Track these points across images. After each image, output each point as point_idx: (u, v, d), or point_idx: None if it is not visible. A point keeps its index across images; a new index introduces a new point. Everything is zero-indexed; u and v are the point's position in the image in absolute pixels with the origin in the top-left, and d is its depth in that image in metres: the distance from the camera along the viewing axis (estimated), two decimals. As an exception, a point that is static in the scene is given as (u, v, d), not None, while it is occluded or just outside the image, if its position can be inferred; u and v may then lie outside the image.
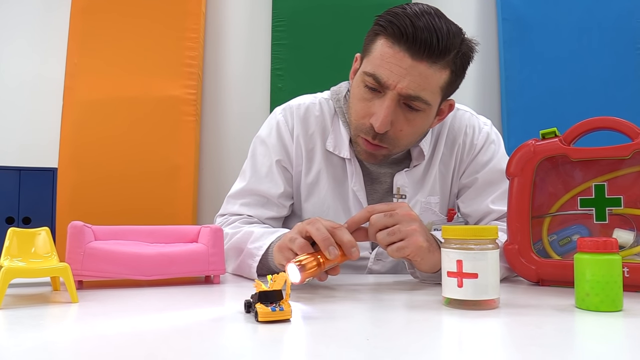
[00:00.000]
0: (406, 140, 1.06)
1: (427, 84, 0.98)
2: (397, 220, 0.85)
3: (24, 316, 0.66)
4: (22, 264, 0.77)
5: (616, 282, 0.69)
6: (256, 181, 1.17)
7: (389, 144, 1.04)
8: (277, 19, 2.11)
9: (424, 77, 0.97)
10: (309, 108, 1.19)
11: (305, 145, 1.16)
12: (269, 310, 0.62)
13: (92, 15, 2.12)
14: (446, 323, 0.66)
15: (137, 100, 2.07)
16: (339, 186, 1.15)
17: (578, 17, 2.01)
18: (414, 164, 1.15)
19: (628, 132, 0.87)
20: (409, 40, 0.94)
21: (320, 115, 1.18)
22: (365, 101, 1.03)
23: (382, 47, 0.98)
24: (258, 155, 1.20)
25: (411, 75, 0.96)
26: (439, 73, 0.98)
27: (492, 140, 1.18)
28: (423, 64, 0.96)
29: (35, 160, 2.04)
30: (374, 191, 1.17)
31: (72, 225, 0.87)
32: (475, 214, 1.15)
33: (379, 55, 0.99)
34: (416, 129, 1.05)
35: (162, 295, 0.82)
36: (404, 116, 1.01)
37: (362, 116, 1.03)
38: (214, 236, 0.96)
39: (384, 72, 0.97)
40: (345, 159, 1.14)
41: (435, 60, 0.96)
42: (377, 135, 1.02)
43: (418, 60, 0.95)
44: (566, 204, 0.93)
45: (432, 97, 1.00)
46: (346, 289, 0.91)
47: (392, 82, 0.97)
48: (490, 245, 0.71)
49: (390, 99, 0.98)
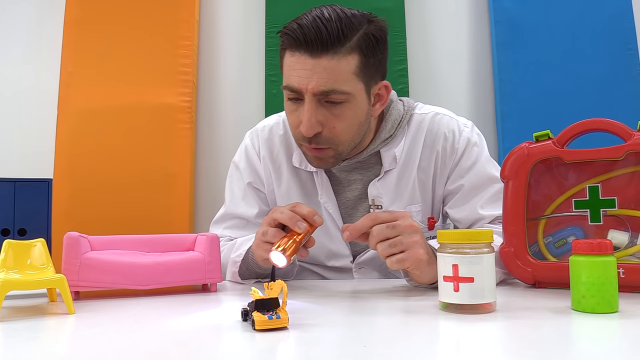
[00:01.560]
0: (346, 136, 1.04)
1: (335, 75, 0.97)
2: (399, 231, 0.85)
3: (21, 329, 0.66)
4: (18, 276, 0.77)
5: (612, 284, 0.70)
6: (234, 205, 1.22)
7: (329, 143, 1.03)
8: (271, 25, 2.12)
9: (330, 70, 0.96)
10: (273, 129, 1.21)
11: (272, 165, 1.19)
12: (266, 318, 0.62)
13: (85, 24, 2.12)
14: (443, 328, 0.66)
15: (132, 108, 2.07)
16: (308, 200, 1.16)
17: (570, 19, 2.02)
18: (385, 170, 1.13)
19: (621, 133, 0.88)
20: (302, 41, 0.96)
21: (284, 133, 1.19)
22: (292, 112, 1.04)
23: (287, 59, 1.00)
24: (234, 179, 1.25)
25: (316, 73, 0.96)
26: (344, 60, 0.97)
27: (474, 143, 1.15)
28: (324, 59, 0.96)
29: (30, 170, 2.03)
30: (346, 199, 1.16)
31: (68, 236, 0.87)
32: (466, 220, 1.13)
33: (287, 67, 1.01)
34: (350, 121, 1.03)
35: (159, 305, 0.82)
36: (330, 113, 1.00)
37: (295, 126, 1.04)
38: (210, 244, 0.96)
39: (293, 79, 0.99)
40: (312, 172, 1.15)
41: (334, 50, 0.96)
42: (312, 139, 1.01)
43: (317, 56, 0.96)
44: (561, 206, 0.94)
45: (349, 86, 0.99)
46: (342, 295, 0.91)
47: (303, 86, 0.97)
48: (486, 249, 0.72)
49: (309, 102, 0.99)
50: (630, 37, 2.00)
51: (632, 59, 1.98)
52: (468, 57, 2.14)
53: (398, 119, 1.14)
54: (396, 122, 1.14)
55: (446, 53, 2.13)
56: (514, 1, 2.04)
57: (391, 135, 1.13)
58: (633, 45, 2.00)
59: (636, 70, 1.98)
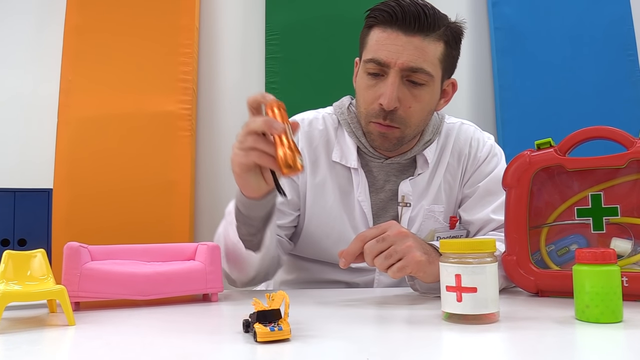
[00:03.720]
0: (416, 118, 1.09)
1: (424, 55, 1.03)
2: (391, 241, 0.86)
3: (21, 341, 0.65)
4: (18, 287, 0.76)
5: (616, 293, 0.69)
6: None
7: (400, 123, 1.07)
8: (271, 32, 2.12)
9: (421, 49, 1.03)
10: (312, 122, 1.22)
11: (308, 157, 1.19)
12: (268, 330, 0.61)
13: (86, 32, 2.12)
14: (446, 339, 0.66)
15: (132, 116, 2.07)
16: (344, 196, 1.18)
17: (570, 24, 2.02)
18: (418, 172, 1.18)
19: (623, 141, 0.88)
20: (399, 19, 1.02)
21: (324, 129, 1.21)
22: (370, 88, 1.08)
23: (376, 34, 1.05)
24: None
25: (408, 49, 1.02)
26: (433, 45, 1.04)
27: (494, 154, 1.22)
28: (417, 38, 1.02)
29: (30, 179, 2.03)
30: (379, 200, 1.19)
31: (68, 246, 0.87)
32: (477, 222, 1.17)
33: (374, 42, 1.05)
34: (424, 105, 1.08)
35: (159, 315, 0.81)
36: (409, 92, 1.06)
37: (371, 102, 1.08)
38: (211, 254, 0.96)
39: (382, 53, 1.03)
40: (352, 168, 1.17)
41: (427, 32, 1.03)
42: (388, 115, 1.05)
43: (411, 34, 1.02)
44: (563, 214, 0.93)
45: (432, 69, 1.05)
46: (345, 305, 0.90)
47: (392, 59, 1.02)
48: (489, 259, 0.71)
49: (394, 76, 1.03)
50: (629, 43, 2.00)
51: (632, 64, 1.98)
52: (468, 64, 2.14)
53: (436, 125, 1.21)
54: (435, 127, 1.20)
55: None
56: (513, 8, 2.04)
57: (430, 139, 1.19)
58: (633, 50, 2.00)
59: (636, 76, 1.98)
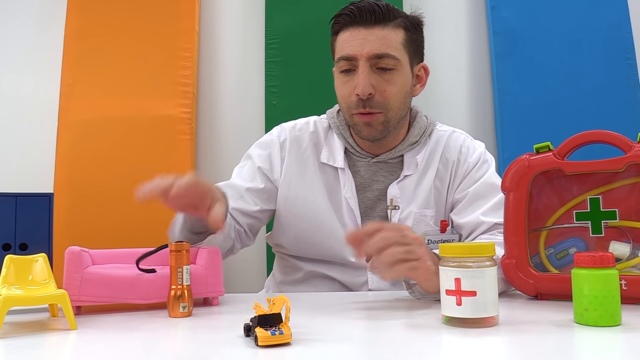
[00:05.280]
0: (394, 101, 1.15)
1: (387, 41, 1.12)
2: (410, 241, 0.86)
3: (22, 346, 0.65)
4: (19, 291, 0.77)
5: (614, 297, 0.70)
6: (239, 179, 1.27)
7: (381, 107, 1.14)
8: (271, 36, 2.12)
9: (382, 37, 1.12)
10: (303, 127, 1.30)
11: (298, 157, 1.26)
12: (269, 334, 0.62)
13: (86, 36, 2.13)
14: (446, 342, 0.66)
15: (132, 120, 2.07)
16: (332, 194, 1.23)
17: (568, 28, 2.02)
18: (405, 174, 1.22)
19: (621, 145, 0.88)
20: (357, 16, 1.12)
21: (314, 131, 1.29)
22: (345, 84, 1.16)
23: (342, 36, 1.16)
24: (245, 165, 1.30)
25: (370, 40, 1.12)
26: (393, 32, 1.14)
27: (485, 160, 1.26)
28: (376, 28, 1.12)
29: (30, 183, 2.03)
30: (366, 199, 1.22)
31: (69, 250, 0.87)
32: (468, 225, 1.19)
33: (341, 42, 1.16)
34: (398, 87, 1.15)
35: (160, 319, 0.82)
36: (381, 78, 1.13)
37: (348, 96, 1.15)
38: (212, 258, 0.96)
39: (348, 49, 1.13)
40: (339, 168, 1.23)
41: (385, 22, 1.12)
42: (366, 102, 1.12)
43: (371, 27, 1.12)
44: (562, 217, 0.94)
45: (397, 53, 1.13)
46: (345, 309, 0.91)
47: (358, 52, 1.12)
48: (488, 263, 0.71)
49: (363, 66, 1.12)
50: (628, 47, 2.00)
51: (631, 68, 1.99)
52: (467, 68, 2.14)
53: (423, 128, 1.26)
54: (422, 130, 1.25)
55: (445, 63, 2.13)
56: (512, 11, 2.04)
57: (417, 141, 1.24)
58: (631, 54, 2.01)
59: (634, 80, 1.98)
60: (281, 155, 1.27)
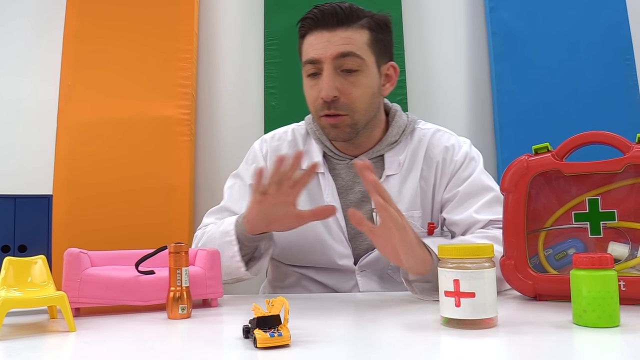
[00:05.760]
0: (361, 103, 1.14)
1: (351, 42, 1.12)
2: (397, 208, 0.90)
3: (21, 348, 0.65)
4: (18, 293, 0.77)
5: (612, 298, 0.70)
6: (232, 202, 1.28)
7: (346, 110, 1.13)
8: (269, 37, 2.12)
9: (346, 38, 1.12)
10: (281, 136, 1.31)
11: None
12: (268, 336, 0.62)
13: (85, 37, 2.13)
14: (445, 344, 0.66)
15: (131, 121, 2.07)
16: (314, 201, 1.22)
17: (567, 29, 2.03)
18: (386, 174, 1.20)
19: (619, 146, 0.88)
20: (320, 20, 1.12)
21: (292, 139, 1.29)
22: (312, 87, 1.15)
23: (306, 41, 1.15)
24: (236, 183, 1.32)
25: (333, 42, 1.11)
26: (358, 33, 1.13)
27: (472, 157, 1.24)
28: (340, 30, 1.12)
29: (29, 184, 2.03)
30: (349, 201, 1.22)
31: (68, 252, 0.87)
32: (462, 223, 1.19)
33: (306, 47, 1.15)
34: (364, 89, 1.14)
35: (159, 321, 0.82)
36: (346, 81, 1.12)
37: (315, 99, 1.15)
38: (211, 259, 0.96)
39: (313, 52, 1.13)
40: (319, 173, 1.22)
41: (348, 24, 1.12)
42: (331, 105, 1.12)
43: (334, 29, 1.12)
44: (561, 218, 0.94)
45: (362, 53, 1.13)
46: (344, 310, 0.91)
47: (322, 54, 1.11)
48: (487, 264, 0.72)
49: (327, 69, 1.11)
50: (627, 48, 2.01)
51: (629, 69, 1.99)
52: (466, 69, 2.14)
53: (403, 127, 1.24)
54: (401, 129, 1.23)
55: (444, 64, 2.14)
56: (511, 13, 2.05)
57: (396, 140, 1.23)
58: (630, 55, 2.01)
59: (633, 81, 1.99)
60: (267, 166, 1.27)
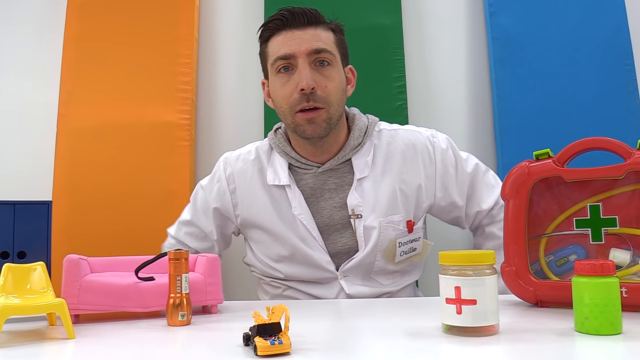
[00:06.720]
0: (334, 96, 1.18)
1: (322, 39, 1.18)
2: None
3: (20, 355, 0.65)
4: (17, 300, 0.76)
5: (615, 305, 0.69)
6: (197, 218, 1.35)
7: (323, 102, 1.16)
8: (270, 42, 2.13)
9: (316, 35, 1.17)
10: (245, 157, 1.32)
11: (246, 187, 1.27)
12: (268, 343, 0.61)
13: (85, 42, 2.13)
14: (446, 351, 0.66)
15: (131, 126, 2.07)
16: (284, 215, 1.22)
17: (567, 35, 2.03)
18: (357, 177, 1.21)
19: (621, 152, 0.88)
20: (289, 20, 1.17)
21: (255, 157, 1.30)
22: (285, 83, 1.18)
23: (275, 41, 1.19)
24: (198, 195, 1.37)
25: (306, 38, 1.16)
26: (325, 32, 1.19)
27: (445, 149, 1.27)
28: (309, 29, 1.17)
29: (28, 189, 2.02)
30: (321, 208, 1.22)
31: (68, 259, 0.87)
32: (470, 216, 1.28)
33: (275, 45, 1.18)
34: (337, 83, 1.19)
35: (159, 327, 0.81)
36: (320, 74, 1.17)
37: (290, 94, 1.17)
38: (211, 265, 0.96)
39: (285, 48, 1.16)
40: (285, 185, 1.22)
41: (316, 24, 1.18)
42: (310, 97, 1.14)
43: (304, 28, 1.17)
44: (562, 224, 0.94)
45: (332, 49, 1.19)
46: (345, 318, 0.90)
47: (296, 50, 1.15)
48: (488, 271, 0.71)
49: (303, 62, 1.15)
50: (627, 53, 2.01)
51: (629, 74, 1.99)
52: (466, 74, 2.14)
53: (364, 129, 1.26)
54: (362, 131, 1.25)
55: (444, 69, 2.13)
56: (511, 18, 2.05)
57: (360, 143, 1.24)
58: (630, 60, 2.01)
59: (633, 86, 1.99)
60: (229, 188, 1.29)
